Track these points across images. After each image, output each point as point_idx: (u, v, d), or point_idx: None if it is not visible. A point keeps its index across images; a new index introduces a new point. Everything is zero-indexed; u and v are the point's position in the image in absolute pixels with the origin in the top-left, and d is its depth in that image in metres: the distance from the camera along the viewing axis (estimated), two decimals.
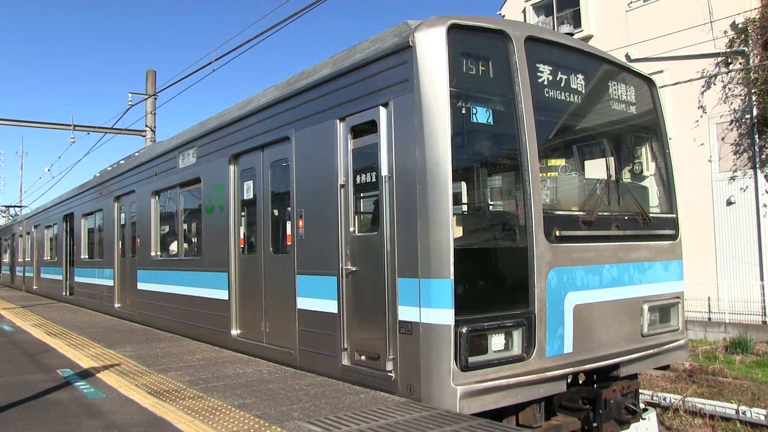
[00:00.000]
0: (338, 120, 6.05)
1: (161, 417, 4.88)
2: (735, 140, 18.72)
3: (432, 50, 5.03)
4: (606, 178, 6.48)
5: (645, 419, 6.16)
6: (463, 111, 5.17)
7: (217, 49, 29.09)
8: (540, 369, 5.18)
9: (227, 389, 5.80)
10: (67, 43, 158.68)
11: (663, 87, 15.85)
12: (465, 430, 4.22)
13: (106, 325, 11.45)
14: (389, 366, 5.32)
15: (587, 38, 21.48)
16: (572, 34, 17.33)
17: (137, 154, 13.36)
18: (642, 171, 7.07)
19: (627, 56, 19.71)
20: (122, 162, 13.96)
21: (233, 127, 8.15)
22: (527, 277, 5.18)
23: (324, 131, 6.24)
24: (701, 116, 19.37)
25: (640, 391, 9.00)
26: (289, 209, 6.88)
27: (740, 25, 18.53)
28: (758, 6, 18.50)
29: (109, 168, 14.84)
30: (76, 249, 16.49)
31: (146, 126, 20.92)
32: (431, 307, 4.91)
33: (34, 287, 22.45)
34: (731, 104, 18.83)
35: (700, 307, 18.68)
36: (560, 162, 6.43)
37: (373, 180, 5.64)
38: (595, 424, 5.65)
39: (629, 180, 6.97)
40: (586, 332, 5.59)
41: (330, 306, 6.06)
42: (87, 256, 15.83)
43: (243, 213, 8.11)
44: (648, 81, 6.94)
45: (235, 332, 8.00)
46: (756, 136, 18.22)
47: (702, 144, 19.23)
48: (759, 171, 18.18)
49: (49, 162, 63.89)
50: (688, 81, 18.45)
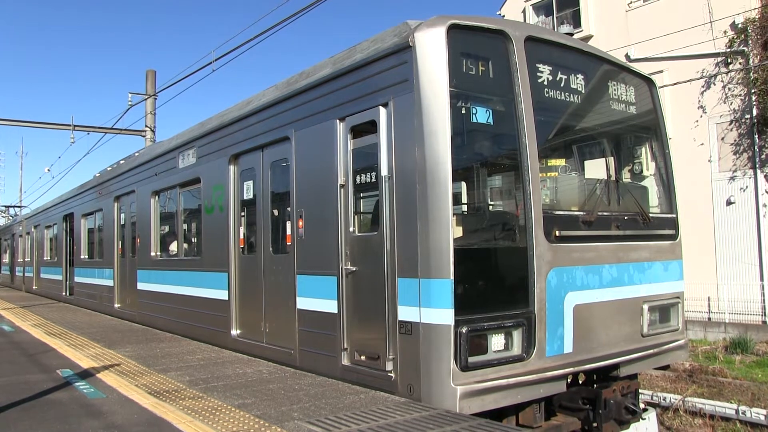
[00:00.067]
0: (338, 120, 6.05)
1: (161, 417, 4.88)
2: (735, 140, 18.73)
3: (432, 50, 5.03)
4: (606, 178, 6.48)
5: (645, 419, 6.16)
6: (463, 111, 5.17)
7: (217, 49, 29.16)
8: (540, 369, 5.18)
9: (227, 389, 5.80)
10: (67, 43, 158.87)
11: (663, 87, 15.86)
12: (465, 430, 4.22)
13: (106, 325, 11.45)
14: (389, 366, 5.32)
15: (587, 38, 21.48)
16: (572, 34, 17.33)
17: (137, 154, 13.36)
18: (642, 171, 7.07)
19: (627, 56, 19.72)
20: (122, 162, 13.95)
21: (233, 127, 8.15)
22: (527, 277, 5.18)
23: (324, 131, 6.24)
24: (701, 116, 19.38)
25: (640, 391, 9.01)
26: (289, 209, 6.88)
27: (740, 25, 18.53)
28: (758, 6, 18.50)
29: (109, 168, 14.84)
30: (76, 249, 16.49)
31: (146, 126, 20.92)
32: (431, 307, 4.91)
33: (34, 287, 22.45)
34: (731, 104, 18.83)
35: (700, 307, 18.68)
36: (560, 162, 6.43)
37: (373, 180, 5.64)
38: (595, 424, 5.65)
39: (629, 180, 6.97)
40: (586, 332, 5.59)
41: (330, 306, 6.06)
42: (87, 256, 15.83)
43: (243, 213, 8.11)
44: (648, 81, 6.94)
45: (235, 332, 8.01)
46: (756, 136, 18.23)
47: (702, 144, 19.24)
48: (759, 171, 18.19)
49: (49, 162, 63.97)
50: (688, 81, 18.46)
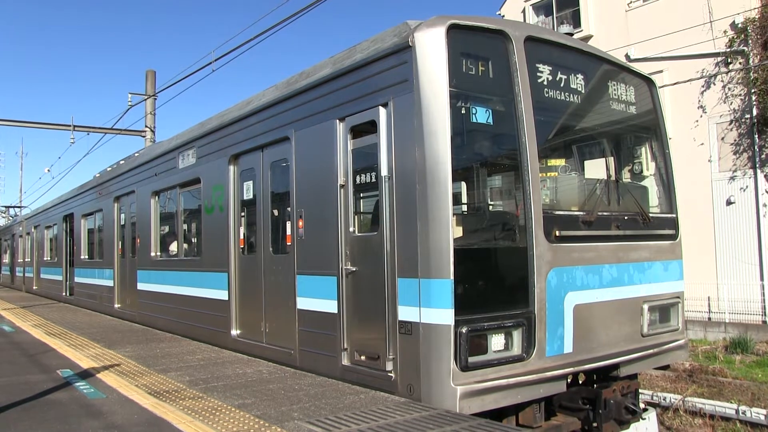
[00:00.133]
0: (338, 120, 6.05)
1: (161, 417, 4.88)
2: (735, 140, 18.73)
3: (431, 50, 5.03)
4: (606, 178, 6.48)
5: (645, 419, 6.16)
6: (463, 111, 5.17)
7: (217, 49, 29.14)
8: (540, 369, 5.18)
9: (227, 389, 5.80)
10: (67, 43, 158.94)
11: (663, 87, 15.85)
12: (465, 430, 4.22)
13: (106, 326, 11.45)
14: (389, 366, 5.32)
15: (587, 38, 21.48)
16: (572, 34, 17.32)
17: (137, 155, 13.36)
18: (642, 171, 7.07)
19: (627, 56, 19.72)
20: (122, 162, 13.96)
21: (233, 128, 8.15)
22: (527, 277, 5.18)
23: (324, 131, 6.24)
24: (701, 116, 19.38)
25: (640, 391, 9.00)
26: (289, 209, 6.88)
27: (740, 25, 18.54)
28: (758, 6, 18.50)
29: (109, 168, 14.84)
30: (76, 249, 16.49)
31: (146, 126, 20.93)
32: (431, 307, 4.91)
33: (34, 288, 22.45)
34: (731, 104, 18.83)
35: (700, 307, 18.68)
36: (560, 162, 6.43)
37: (373, 180, 5.64)
38: (595, 424, 5.65)
39: (629, 180, 6.97)
40: (586, 332, 5.59)
41: (330, 306, 6.06)
42: (87, 257, 15.84)
43: (243, 213, 8.11)
44: (648, 81, 6.94)
45: (235, 332, 8.00)
46: (756, 136, 18.23)
47: (702, 144, 19.24)
48: (759, 171, 18.19)
49: (49, 162, 64.09)
50: (688, 81, 18.46)
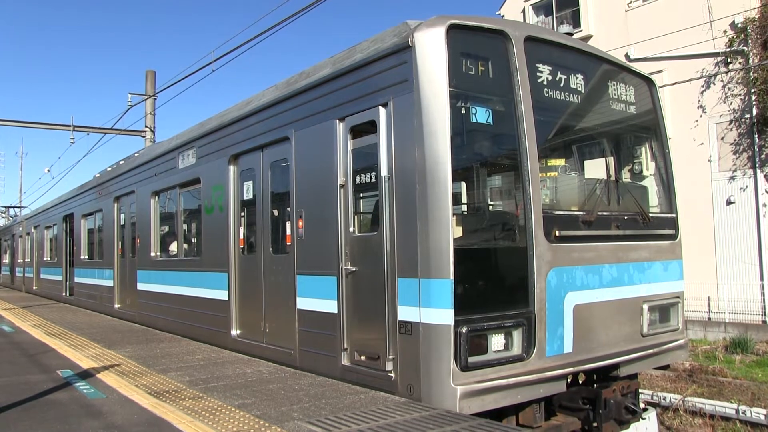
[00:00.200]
0: (338, 120, 6.05)
1: (161, 417, 4.88)
2: (734, 140, 18.73)
3: (431, 50, 5.03)
4: (606, 178, 6.48)
5: (645, 419, 6.16)
6: (463, 111, 5.17)
7: (217, 50, 29.07)
8: (540, 369, 5.18)
9: (227, 389, 5.80)
10: (67, 43, 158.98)
11: (662, 87, 15.86)
12: (465, 430, 4.22)
13: (106, 326, 11.45)
14: (389, 366, 5.32)
15: (587, 38, 21.48)
16: (572, 34, 17.32)
17: (137, 155, 13.36)
18: (642, 171, 7.06)
19: (626, 56, 19.72)
20: (122, 162, 13.95)
21: (233, 128, 8.15)
22: (527, 277, 5.18)
23: (324, 131, 6.24)
24: (701, 116, 19.38)
25: (640, 391, 9.00)
26: (289, 209, 6.88)
27: (740, 25, 18.53)
28: (758, 6, 18.50)
29: (109, 168, 14.84)
30: (76, 249, 16.49)
31: (146, 126, 20.93)
32: (431, 307, 4.91)
33: (34, 288, 22.45)
34: (731, 104, 18.83)
35: (700, 307, 18.68)
36: (560, 162, 6.43)
37: (373, 180, 5.64)
38: (595, 424, 5.65)
39: (629, 180, 6.97)
40: (586, 332, 5.59)
41: (330, 306, 6.06)
42: (87, 257, 15.83)
43: (243, 213, 8.11)
44: (647, 81, 6.94)
45: (235, 332, 8.00)
46: (756, 136, 18.23)
47: (702, 144, 19.24)
48: (759, 171, 18.19)
49: (49, 162, 64.08)
50: (688, 81, 18.46)
